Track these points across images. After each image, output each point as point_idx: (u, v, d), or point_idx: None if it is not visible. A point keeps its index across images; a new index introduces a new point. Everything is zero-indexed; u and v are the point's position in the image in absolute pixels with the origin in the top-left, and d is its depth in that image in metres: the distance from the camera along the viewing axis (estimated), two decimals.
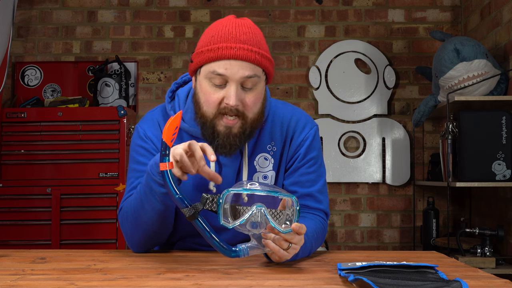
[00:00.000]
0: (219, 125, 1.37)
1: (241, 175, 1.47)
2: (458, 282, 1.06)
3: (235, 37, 1.35)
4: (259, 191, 1.19)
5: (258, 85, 1.38)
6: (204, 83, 1.38)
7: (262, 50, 1.37)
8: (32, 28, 3.74)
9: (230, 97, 1.34)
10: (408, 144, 3.65)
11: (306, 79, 3.71)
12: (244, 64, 1.34)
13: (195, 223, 1.21)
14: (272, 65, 1.42)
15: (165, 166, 1.21)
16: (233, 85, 1.34)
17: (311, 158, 1.52)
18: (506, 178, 2.82)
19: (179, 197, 1.21)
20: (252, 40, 1.36)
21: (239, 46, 1.34)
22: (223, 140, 1.38)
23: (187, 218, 1.21)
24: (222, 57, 1.34)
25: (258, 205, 1.20)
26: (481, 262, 2.78)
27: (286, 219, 1.20)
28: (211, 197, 1.21)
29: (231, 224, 1.20)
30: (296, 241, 1.23)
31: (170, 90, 1.54)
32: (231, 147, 1.39)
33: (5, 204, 3.17)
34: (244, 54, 1.34)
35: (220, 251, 1.23)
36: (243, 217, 1.20)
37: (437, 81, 3.09)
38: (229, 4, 3.74)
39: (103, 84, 3.49)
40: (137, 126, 1.53)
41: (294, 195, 1.38)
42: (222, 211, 1.20)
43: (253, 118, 1.40)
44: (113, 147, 3.20)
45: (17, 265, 1.30)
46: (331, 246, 3.61)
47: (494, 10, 3.17)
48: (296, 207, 1.19)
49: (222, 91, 1.36)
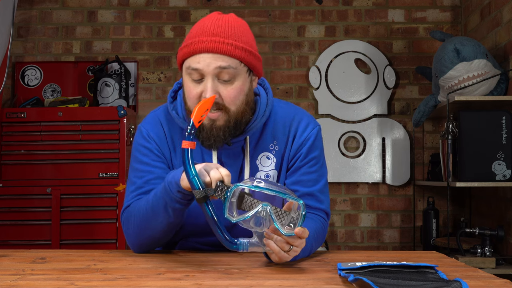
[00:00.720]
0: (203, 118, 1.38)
1: (243, 174, 1.48)
2: (458, 282, 1.06)
3: (209, 31, 1.36)
4: (268, 190, 1.19)
5: (237, 77, 1.38)
6: (185, 78, 1.41)
7: (238, 42, 1.37)
8: (32, 28, 3.74)
9: (206, 90, 1.35)
10: (408, 144, 3.65)
11: (306, 79, 3.71)
12: (216, 56, 1.35)
13: (203, 207, 1.21)
14: (254, 57, 1.41)
15: (187, 144, 1.21)
16: (209, 78, 1.36)
17: (313, 158, 1.52)
18: (506, 178, 2.82)
19: (194, 178, 1.21)
20: (226, 32, 1.37)
21: (210, 39, 1.35)
22: (207, 133, 1.39)
23: (197, 199, 1.21)
24: (194, 51, 1.36)
25: (264, 204, 1.20)
26: (481, 262, 2.77)
27: (290, 221, 1.20)
28: (221, 185, 1.21)
29: (235, 219, 1.20)
30: (297, 244, 1.23)
31: (172, 90, 1.55)
32: (215, 139, 1.40)
33: (5, 204, 3.17)
34: (215, 46, 1.35)
35: (221, 240, 1.23)
36: (248, 214, 1.20)
37: (437, 81, 3.09)
38: (229, 4, 3.74)
39: (103, 84, 3.49)
40: (139, 126, 1.54)
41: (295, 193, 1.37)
42: (228, 204, 1.20)
43: (236, 110, 1.40)
44: (113, 147, 3.20)
45: (17, 265, 1.30)
46: (331, 246, 3.61)
47: (494, 10, 3.16)
48: (302, 212, 1.19)
49: (200, 85, 1.37)
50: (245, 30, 1.42)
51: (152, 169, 1.47)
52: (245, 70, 1.40)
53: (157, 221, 1.37)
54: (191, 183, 1.22)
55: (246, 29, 1.43)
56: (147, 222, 1.39)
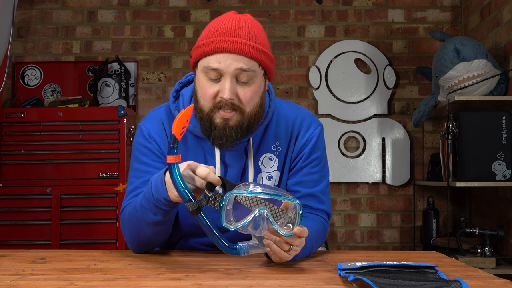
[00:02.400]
0: (216, 117, 1.38)
1: (246, 175, 1.47)
2: (458, 282, 1.06)
3: (230, 31, 1.35)
4: (262, 194, 1.18)
5: (254, 79, 1.37)
6: (200, 77, 1.38)
7: (258, 45, 1.36)
8: (32, 28, 3.74)
9: (224, 90, 1.34)
10: (408, 144, 3.65)
11: (306, 79, 3.71)
12: (237, 57, 1.34)
13: (198, 218, 1.20)
14: (270, 61, 1.41)
15: (172, 159, 1.19)
16: (227, 78, 1.34)
17: (315, 158, 1.51)
18: (506, 178, 2.82)
19: (184, 191, 1.20)
20: (247, 34, 1.36)
21: (232, 39, 1.34)
22: (219, 132, 1.38)
23: (190, 212, 1.20)
24: (216, 50, 1.34)
25: (261, 208, 1.19)
26: (481, 262, 2.77)
27: (288, 221, 1.20)
28: (213, 195, 1.20)
29: (233, 226, 1.19)
30: (297, 243, 1.23)
31: (174, 89, 1.54)
32: (227, 139, 1.39)
33: (5, 204, 3.17)
34: (237, 47, 1.33)
35: (221, 247, 1.22)
36: (245, 220, 1.19)
37: (437, 81, 3.09)
38: (229, 4, 3.74)
39: (103, 84, 3.49)
40: (140, 124, 1.52)
41: (296, 194, 1.36)
42: (225, 213, 1.19)
43: (250, 112, 1.39)
44: (113, 147, 3.20)
45: (17, 265, 1.30)
46: (331, 246, 3.61)
47: (494, 10, 3.16)
48: (299, 211, 1.19)
49: (217, 85, 1.36)
50: (262, 32, 1.42)
51: (152, 170, 1.47)
52: (262, 73, 1.40)
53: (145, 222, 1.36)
54: (182, 196, 1.20)
55: (263, 31, 1.43)
56: (138, 222, 1.38)
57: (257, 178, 1.48)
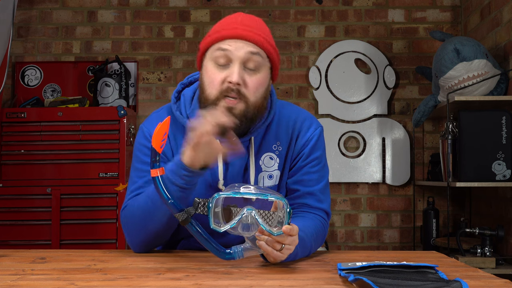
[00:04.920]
0: (221, 106, 1.38)
1: (248, 174, 1.48)
2: (458, 282, 1.06)
3: (242, 22, 1.40)
4: (248, 194, 1.19)
5: (262, 68, 1.40)
6: (209, 65, 1.40)
7: (268, 38, 1.42)
8: (32, 28, 3.74)
9: (233, 74, 1.36)
10: (408, 144, 3.65)
11: (306, 79, 3.71)
12: (247, 43, 1.38)
13: (189, 227, 1.23)
14: (277, 54, 1.45)
15: (156, 172, 1.23)
16: (236, 63, 1.37)
17: (315, 158, 1.52)
18: (506, 178, 2.82)
19: (172, 202, 1.23)
20: (257, 27, 1.41)
21: (244, 27, 1.39)
22: None
23: (180, 222, 1.22)
24: (226, 36, 1.38)
25: (248, 208, 1.20)
26: (481, 262, 2.77)
27: (278, 221, 1.20)
28: (202, 201, 1.22)
29: (222, 228, 1.20)
30: (288, 242, 1.23)
31: (176, 90, 1.55)
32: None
33: (5, 204, 3.17)
34: (249, 34, 1.38)
35: (215, 253, 1.24)
36: (233, 221, 1.20)
37: (437, 81, 3.09)
38: (229, 4, 3.74)
39: (103, 84, 3.49)
40: (141, 125, 1.54)
41: (295, 193, 1.36)
42: (213, 215, 1.20)
43: (255, 102, 1.40)
44: (113, 147, 3.20)
45: (17, 265, 1.30)
46: (331, 246, 3.61)
47: (494, 10, 3.16)
48: (287, 209, 1.19)
49: (225, 71, 1.38)
50: (269, 30, 1.47)
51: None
52: (268, 66, 1.44)
53: (158, 213, 1.36)
54: (170, 208, 1.23)
55: (269, 29, 1.47)
56: (147, 216, 1.38)
57: (258, 177, 1.48)
